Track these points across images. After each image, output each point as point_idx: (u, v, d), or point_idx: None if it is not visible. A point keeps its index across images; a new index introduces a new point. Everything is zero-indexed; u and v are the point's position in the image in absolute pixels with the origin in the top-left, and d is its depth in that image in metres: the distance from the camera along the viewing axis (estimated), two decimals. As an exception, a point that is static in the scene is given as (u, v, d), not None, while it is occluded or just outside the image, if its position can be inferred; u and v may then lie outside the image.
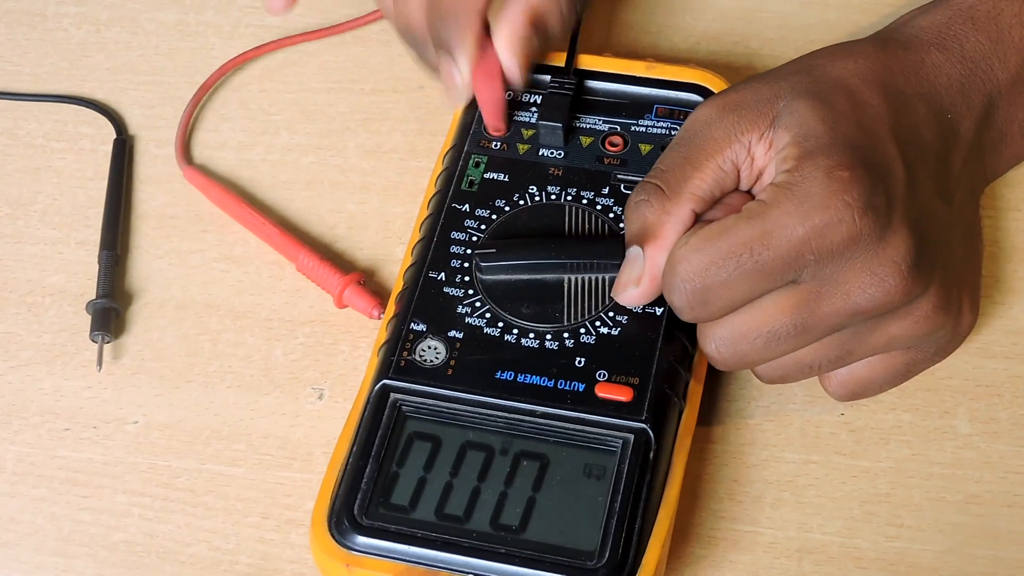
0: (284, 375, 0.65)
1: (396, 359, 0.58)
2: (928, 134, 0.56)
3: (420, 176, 0.68)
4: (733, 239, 0.53)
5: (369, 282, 0.67)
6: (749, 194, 0.57)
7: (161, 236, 0.70)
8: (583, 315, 0.59)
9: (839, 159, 0.53)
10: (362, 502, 0.55)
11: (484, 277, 0.60)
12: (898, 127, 0.55)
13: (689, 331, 0.58)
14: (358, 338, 0.65)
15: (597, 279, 0.59)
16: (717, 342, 0.56)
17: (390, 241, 0.68)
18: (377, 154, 0.71)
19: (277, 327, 0.66)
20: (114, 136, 0.73)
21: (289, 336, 0.66)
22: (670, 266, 0.55)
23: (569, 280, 0.59)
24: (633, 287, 0.57)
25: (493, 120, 0.64)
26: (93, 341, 0.66)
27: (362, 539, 0.54)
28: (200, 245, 0.69)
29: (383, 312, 0.64)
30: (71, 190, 0.72)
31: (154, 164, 0.72)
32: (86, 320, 0.66)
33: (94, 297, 0.67)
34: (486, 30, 0.63)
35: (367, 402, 0.58)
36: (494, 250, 0.60)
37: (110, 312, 0.66)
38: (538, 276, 0.60)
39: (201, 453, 0.63)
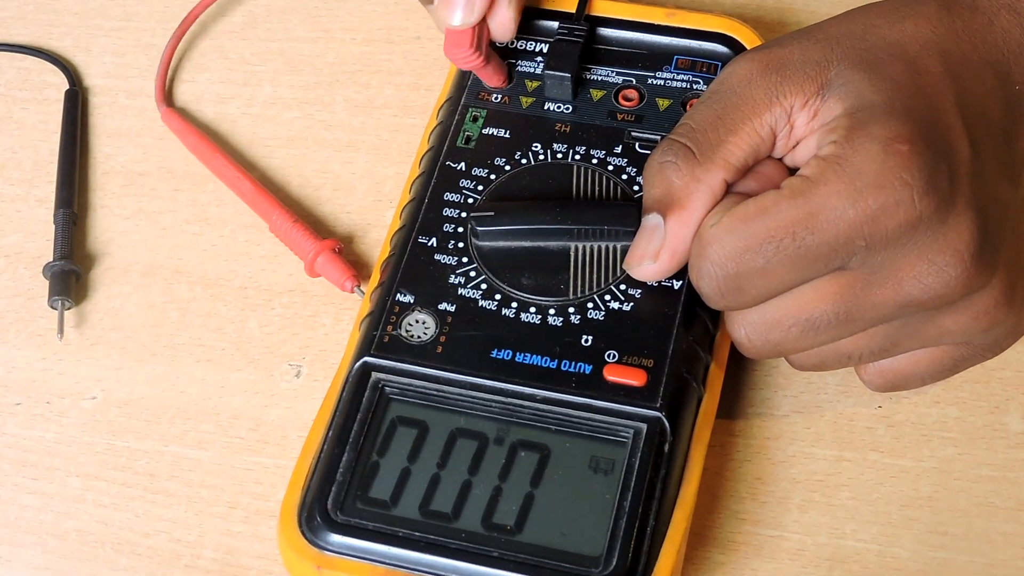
0: (258, 349, 0.60)
1: (379, 334, 0.52)
2: (995, 107, 0.50)
3: (414, 134, 0.63)
4: (773, 221, 0.47)
5: (350, 251, 0.62)
6: (784, 165, 0.51)
7: (128, 194, 0.65)
8: (591, 288, 0.53)
9: (898, 130, 0.47)
10: (337, 495, 0.49)
11: (480, 243, 0.54)
12: (963, 99, 0.50)
13: (711, 308, 0.51)
14: (341, 309, 0.60)
15: (607, 248, 0.54)
16: (748, 328, 0.50)
17: (380, 205, 0.63)
18: (367, 110, 0.66)
19: (252, 296, 0.61)
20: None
21: (265, 306, 0.61)
22: (699, 248, 0.49)
23: (576, 248, 0.53)
24: (650, 261, 0.51)
25: (488, 81, 0.59)
26: (52, 307, 0.61)
27: (336, 537, 0.49)
28: (171, 205, 0.64)
29: (359, 285, 0.59)
30: (32, 143, 0.67)
31: (124, 116, 0.67)
32: (43, 285, 0.61)
33: (51, 260, 0.61)
34: None
35: (346, 381, 0.52)
36: (492, 213, 0.54)
37: (70, 275, 0.61)
38: (541, 243, 0.54)
39: (164, 434, 0.58)
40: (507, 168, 0.56)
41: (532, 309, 0.52)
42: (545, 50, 0.59)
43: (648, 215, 0.51)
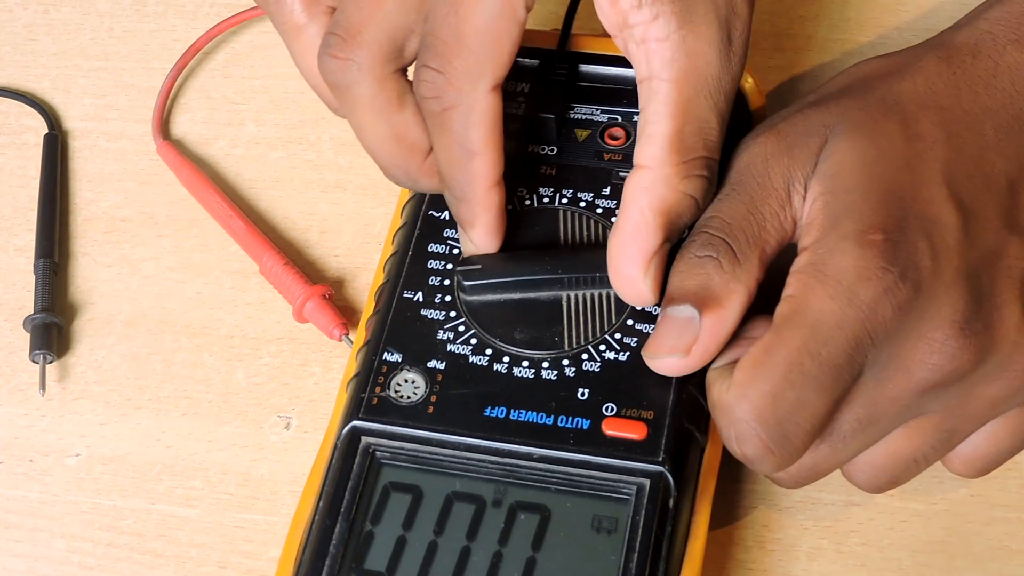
0: (246, 401, 0.57)
1: (368, 396, 0.49)
2: (996, 159, 0.48)
3: (403, 174, 0.60)
4: (784, 352, 0.45)
5: (340, 296, 0.59)
6: (766, 317, 0.48)
7: (110, 242, 0.62)
8: (585, 339, 0.50)
9: (870, 221, 0.46)
10: (331, 569, 0.47)
11: (468, 297, 0.51)
12: (956, 161, 0.48)
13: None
14: (331, 358, 0.58)
15: (600, 295, 0.51)
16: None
17: (369, 247, 0.61)
18: (354, 148, 0.62)
19: (239, 345, 0.59)
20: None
21: (253, 356, 0.58)
22: (725, 417, 0.46)
23: (568, 298, 0.51)
24: (679, 356, 0.48)
25: None
26: (34, 361, 0.58)
27: None
28: (154, 252, 0.62)
29: (347, 333, 0.57)
30: (11, 189, 0.64)
31: (104, 160, 0.64)
32: (23, 338, 0.59)
33: (32, 312, 0.58)
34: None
35: (335, 447, 0.49)
36: (479, 266, 0.51)
37: (51, 328, 0.58)
38: (531, 294, 0.51)
39: (151, 491, 0.55)
40: None
41: (525, 363, 0.50)
42: (527, 90, 0.57)
43: (679, 306, 0.47)
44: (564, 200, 0.53)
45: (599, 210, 0.53)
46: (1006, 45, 0.50)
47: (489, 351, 0.50)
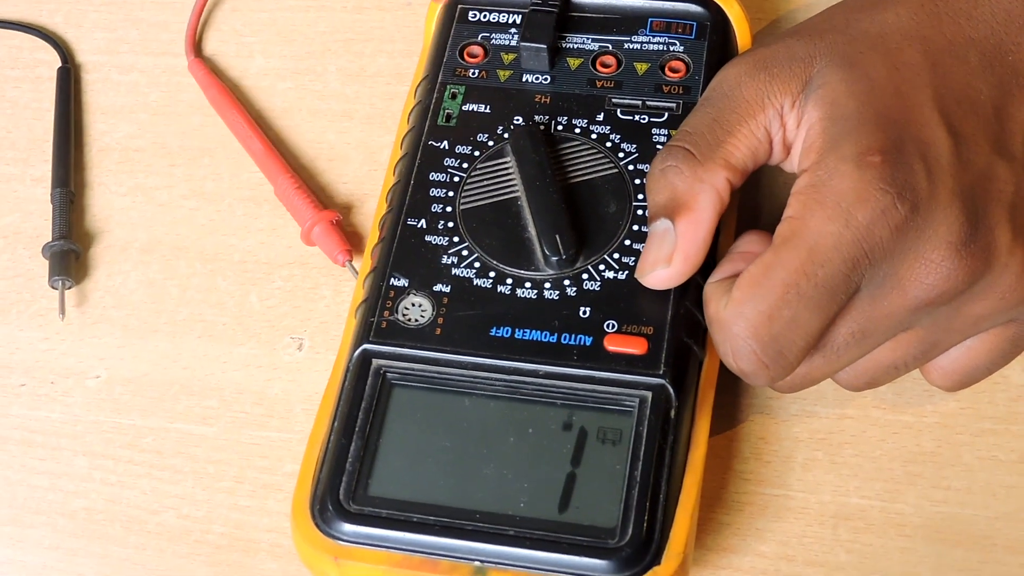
0: (260, 323, 0.58)
1: (377, 320, 0.50)
2: (982, 86, 0.48)
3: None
4: (782, 271, 0.46)
5: (348, 221, 0.60)
6: (764, 233, 0.49)
7: (124, 171, 0.62)
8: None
9: (868, 143, 0.46)
10: (348, 485, 0.47)
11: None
12: (943, 87, 0.48)
13: (704, 273, 0.50)
14: (341, 281, 0.58)
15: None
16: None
17: (376, 174, 0.61)
18: (361, 78, 0.63)
19: (252, 270, 0.59)
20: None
21: (265, 280, 0.58)
22: (723, 331, 0.47)
23: None
24: (663, 267, 0.49)
25: None
26: (53, 287, 0.58)
27: (351, 527, 0.46)
28: (167, 181, 0.62)
29: (351, 259, 0.57)
30: (27, 122, 0.64)
31: (117, 92, 0.64)
32: (42, 265, 0.59)
33: (50, 240, 0.59)
34: None
35: (347, 370, 0.50)
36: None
37: (69, 255, 0.59)
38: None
39: (169, 411, 0.56)
40: (490, 144, 0.53)
41: (527, 284, 0.50)
42: (518, 21, 0.57)
43: (655, 221, 0.48)
44: (559, 127, 0.54)
45: (593, 135, 0.53)
46: None
47: (492, 274, 0.50)
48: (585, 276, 0.50)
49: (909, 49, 0.48)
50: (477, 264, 0.51)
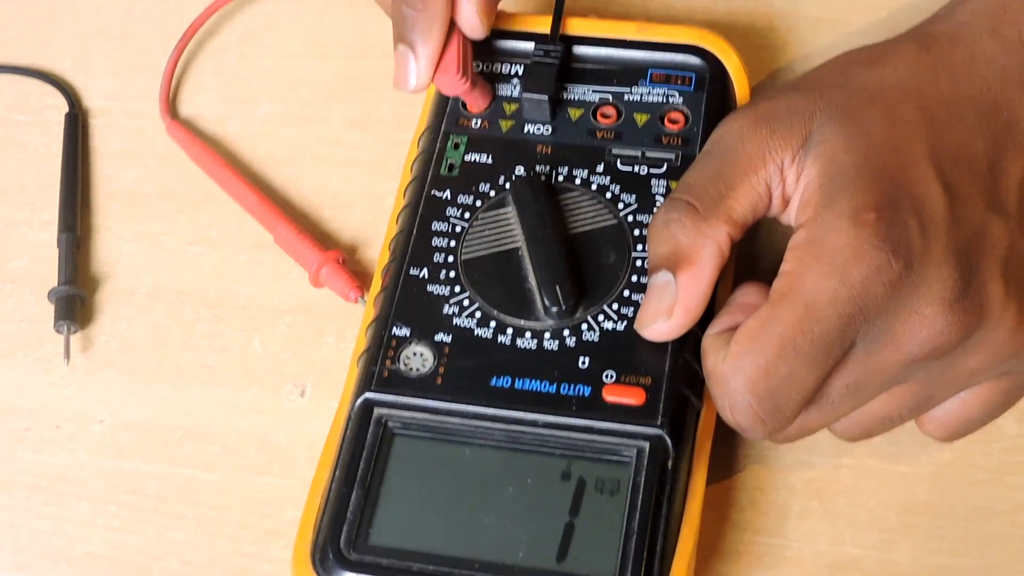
0: (263, 369, 0.58)
1: (378, 369, 0.50)
2: (977, 143, 0.49)
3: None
4: (778, 327, 0.46)
5: (353, 261, 0.60)
6: (762, 285, 0.50)
7: (131, 216, 0.63)
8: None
9: (863, 200, 0.46)
10: (349, 534, 0.48)
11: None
12: (939, 144, 0.49)
13: (703, 323, 0.50)
14: (344, 327, 0.58)
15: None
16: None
17: (379, 221, 0.60)
18: (365, 125, 0.64)
19: (256, 316, 0.59)
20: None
21: (268, 326, 0.59)
22: (719, 386, 0.48)
23: None
24: (663, 319, 0.49)
25: (472, 103, 0.57)
26: (58, 332, 0.59)
27: None
28: (173, 226, 0.62)
29: (363, 295, 0.57)
30: (35, 166, 0.65)
31: (124, 137, 0.65)
32: (48, 310, 0.60)
33: (57, 284, 0.60)
34: None
35: (348, 419, 0.50)
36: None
37: (75, 300, 0.59)
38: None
39: (173, 456, 0.56)
40: (492, 194, 0.54)
41: (528, 334, 0.51)
42: (521, 72, 0.57)
43: (656, 274, 0.49)
44: (560, 177, 0.54)
45: (593, 186, 0.54)
46: (982, 35, 0.51)
47: (493, 323, 0.51)
48: (584, 326, 0.51)
49: (907, 105, 0.49)
50: (478, 314, 0.51)
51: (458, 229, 0.53)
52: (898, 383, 0.48)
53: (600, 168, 0.55)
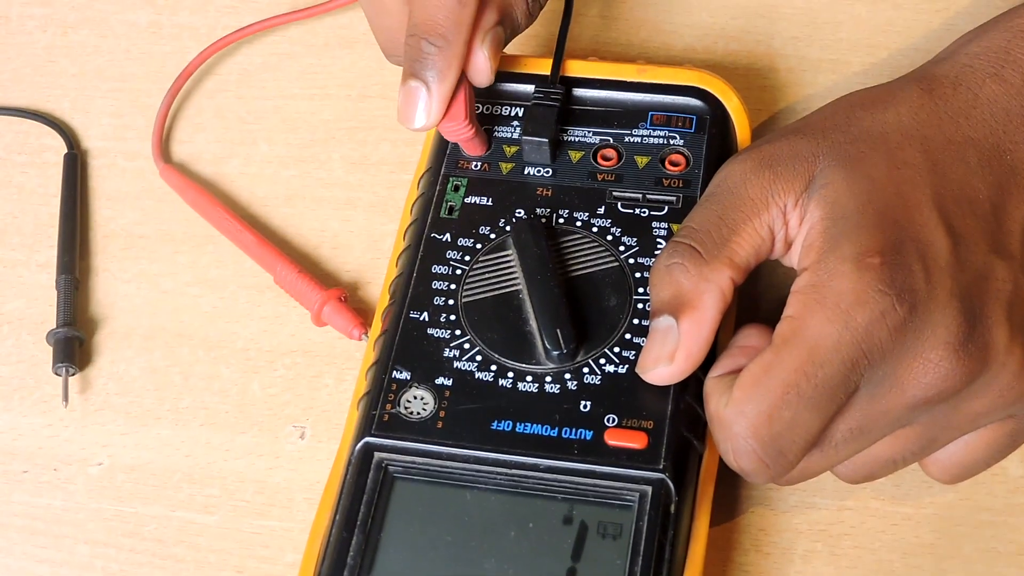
0: (262, 411, 0.58)
1: (379, 413, 0.50)
2: (981, 186, 0.49)
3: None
4: (782, 371, 0.46)
5: (354, 299, 0.60)
6: (764, 327, 0.50)
7: (129, 257, 0.63)
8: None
9: (868, 244, 0.46)
10: None
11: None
12: (942, 187, 0.48)
13: (705, 367, 0.50)
14: (344, 369, 0.58)
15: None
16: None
17: (379, 262, 0.61)
18: (364, 166, 0.64)
19: (255, 358, 0.59)
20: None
21: (268, 368, 0.59)
22: (722, 431, 0.47)
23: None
24: (665, 364, 0.49)
25: (472, 151, 0.57)
26: (56, 374, 0.59)
27: None
28: (171, 268, 0.62)
29: (366, 332, 0.57)
30: (33, 208, 0.65)
31: (123, 178, 0.65)
32: (46, 351, 0.59)
33: (55, 326, 0.59)
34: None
35: (348, 463, 0.50)
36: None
37: (73, 341, 0.59)
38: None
39: (171, 499, 0.56)
40: (492, 236, 0.54)
41: (529, 378, 0.50)
42: (521, 114, 0.57)
43: (658, 318, 0.49)
44: (561, 220, 0.54)
45: (594, 228, 0.54)
46: (985, 78, 0.50)
47: (494, 367, 0.51)
48: (586, 370, 0.50)
49: (910, 148, 0.49)
50: (479, 357, 0.51)
51: (458, 272, 0.53)
52: (902, 426, 0.48)
53: (601, 210, 0.54)
